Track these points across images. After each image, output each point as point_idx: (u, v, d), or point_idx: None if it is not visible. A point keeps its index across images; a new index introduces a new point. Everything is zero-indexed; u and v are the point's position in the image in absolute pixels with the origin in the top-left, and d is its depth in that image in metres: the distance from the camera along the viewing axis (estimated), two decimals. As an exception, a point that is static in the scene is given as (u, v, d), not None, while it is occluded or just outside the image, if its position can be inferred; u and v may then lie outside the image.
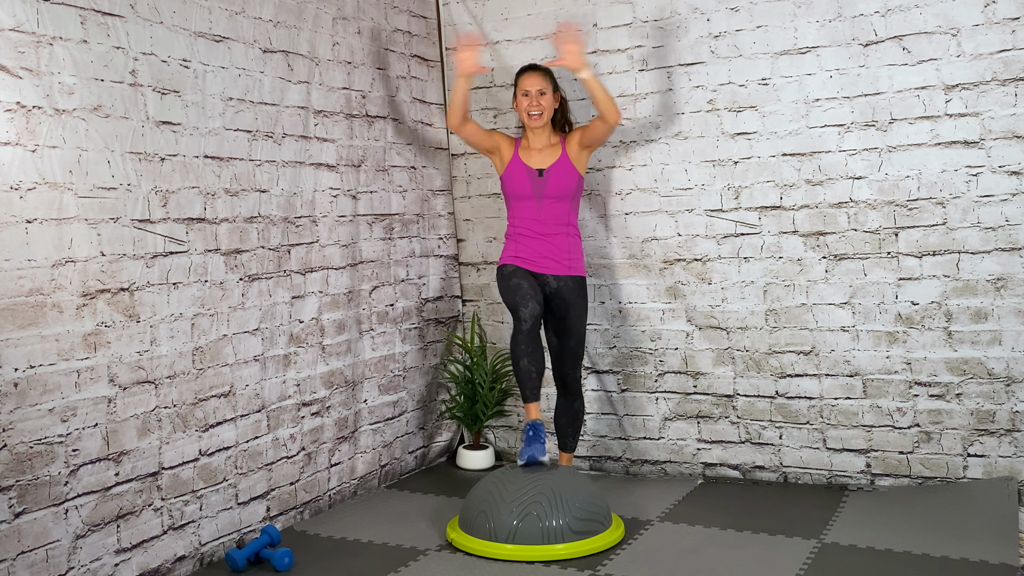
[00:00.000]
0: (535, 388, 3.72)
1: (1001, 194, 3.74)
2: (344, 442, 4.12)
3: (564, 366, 4.05)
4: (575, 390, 4.09)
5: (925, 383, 3.91)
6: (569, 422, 4.12)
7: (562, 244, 3.97)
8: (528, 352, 3.70)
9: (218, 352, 3.47)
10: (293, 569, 3.36)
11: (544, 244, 3.95)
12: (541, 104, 3.95)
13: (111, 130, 3.05)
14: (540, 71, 4.00)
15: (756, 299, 4.19)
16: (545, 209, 3.95)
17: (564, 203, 3.97)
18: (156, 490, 3.21)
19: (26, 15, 2.79)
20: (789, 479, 4.20)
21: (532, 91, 3.95)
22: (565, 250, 3.97)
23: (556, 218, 3.96)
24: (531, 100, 3.95)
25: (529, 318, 3.71)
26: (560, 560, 3.37)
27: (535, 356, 3.71)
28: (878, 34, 3.88)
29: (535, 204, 3.95)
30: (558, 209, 3.96)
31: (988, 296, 3.78)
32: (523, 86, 3.98)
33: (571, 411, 4.11)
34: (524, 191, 3.97)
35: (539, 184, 3.94)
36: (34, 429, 2.80)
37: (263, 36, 3.69)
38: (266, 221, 3.70)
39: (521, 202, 3.99)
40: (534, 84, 3.95)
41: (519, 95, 3.99)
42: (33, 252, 2.80)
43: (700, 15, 4.20)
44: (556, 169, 3.95)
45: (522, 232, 3.98)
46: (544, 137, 4.00)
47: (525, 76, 4.00)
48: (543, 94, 3.95)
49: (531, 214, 3.96)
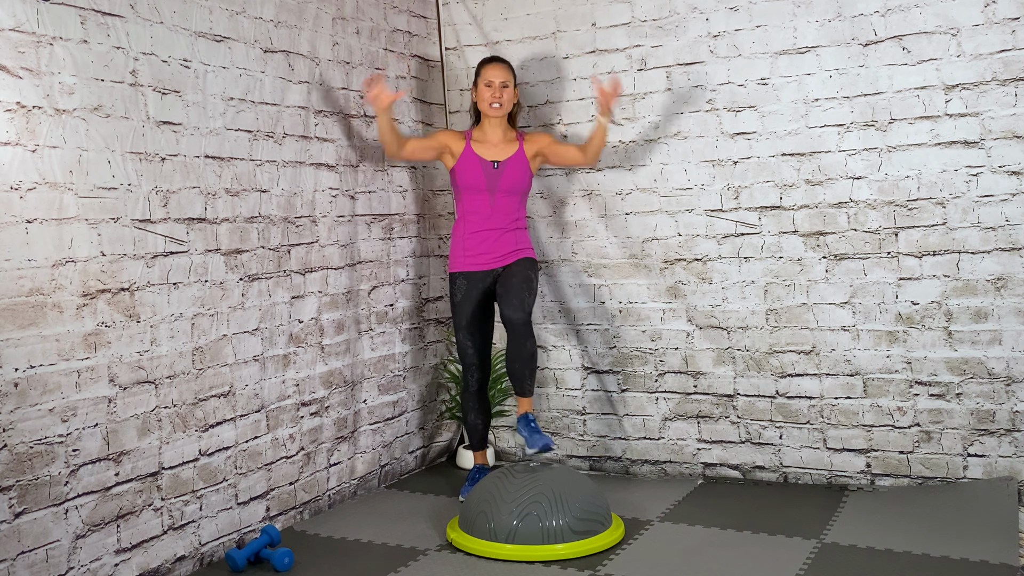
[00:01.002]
0: (482, 439, 4.26)
1: (1001, 194, 3.74)
2: (344, 442, 4.12)
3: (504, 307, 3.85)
4: (525, 331, 3.86)
5: (925, 383, 3.91)
6: (524, 364, 3.88)
7: (509, 241, 4.04)
8: (475, 408, 4.20)
9: (218, 352, 3.47)
10: (293, 569, 3.36)
11: (492, 243, 4.01)
12: (503, 97, 3.98)
13: (111, 130, 3.04)
14: (503, 63, 4.05)
15: (756, 299, 4.19)
16: (497, 203, 3.98)
17: (515, 197, 4.02)
18: (156, 490, 3.21)
19: (26, 15, 2.79)
20: (789, 479, 4.20)
21: (496, 83, 3.99)
22: (512, 244, 4.05)
23: (507, 213, 4.01)
24: (494, 91, 4.00)
25: (475, 383, 4.16)
26: (560, 560, 3.37)
27: (482, 411, 4.22)
28: (878, 34, 3.88)
29: (487, 198, 3.97)
30: (510, 203, 4.01)
31: (988, 296, 3.78)
32: (487, 76, 4.00)
33: (525, 352, 3.86)
34: (477, 183, 3.99)
35: (493, 176, 3.96)
36: (34, 429, 2.80)
37: (264, 36, 3.69)
38: (266, 221, 3.70)
39: (473, 195, 4.01)
40: (498, 76, 3.99)
41: (481, 85, 4.02)
42: (33, 252, 2.80)
43: (699, 14, 4.20)
44: (512, 163, 4.00)
45: (472, 229, 4.03)
46: (500, 131, 4.04)
47: (489, 67, 4.03)
48: (506, 87, 4.01)
49: (483, 208, 3.99)
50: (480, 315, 4.11)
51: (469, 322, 4.09)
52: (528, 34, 4.59)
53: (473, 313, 4.08)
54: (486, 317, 4.14)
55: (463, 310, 4.08)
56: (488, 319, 4.16)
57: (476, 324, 4.10)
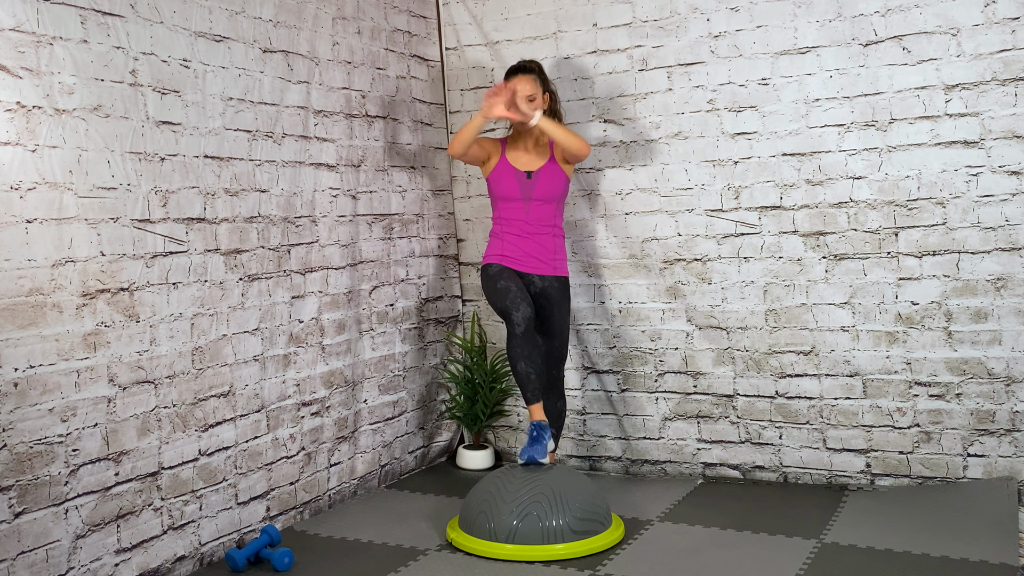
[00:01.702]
0: (536, 390, 3.74)
1: (1001, 194, 3.74)
2: (344, 442, 4.12)
3: (548, 367, 4.03)
4: (559, 390, 4.10)
5: (925, 383, 3.91)
6: (552, 421, 4.07)
7: (548, 244, 3.97)
8: (525, 355, 3.73)
9: (218, 352, 3.47)
10: (293, 569, 3.36)
11: (530, 243, 3.94)
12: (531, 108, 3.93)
13: (111, 130, 3.04)
14: (530, 73, 3.95)
15: (756, 299, 4.19)
16: (533, 211, 3.94)
17: (551, 205, 3.97)
18: (156, 490, 3.21)
19: (26, 15, 2.79)
20: (789, 479, 4.20)
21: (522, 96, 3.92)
22: (551, 250, 3.98)
23: (543, 219, 3.96)
24: None
25: (522, 321, 3.73)
26: (560, 560, 3.37)
27: (532, 358, 3.74)
28: (878, 34, 3.88)
29: (523, 206, 3.94)
30: (545, 211, 3.96)
31: (988, 296, 3.78)
32: None
33: (554, 411, 4.08)
34: (512, 193, 3.95)
35: (527, 186, 3.93)
36: (34, 429, 2.80)
37: (263, 36, 3.69)
38: (266, 221, 3.70)
39: (508, 203, 3.97)
40: (524, 89, 3.90)
41: None
42: (33, 252, 2.80)
43: (700, 15, 4.20)
44: (545, 172, 3.93)
45: (508, 231, 3.97)
46: (532, 139, 3.97)
47: (515, 80, 3.94)
48: (532, 100, 3.90)
49: (518, 215, 3.95)
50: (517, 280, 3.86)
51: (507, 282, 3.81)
52: (528, 34, 4.59)
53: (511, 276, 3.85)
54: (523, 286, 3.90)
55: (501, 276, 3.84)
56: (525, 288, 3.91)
57: (516, 281, 3.85)
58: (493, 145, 4.02)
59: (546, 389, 4.07)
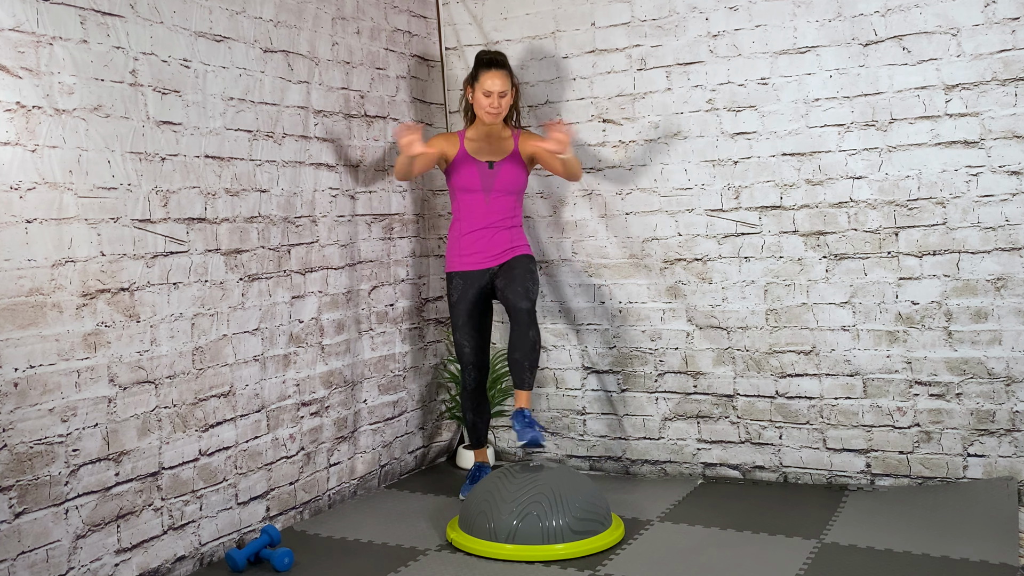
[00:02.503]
0: (481, 438, 4.32)
1: (1001, 194, 3.74)
2: (344, 442, 4.12)
3: (509, 297, 3.85)
4: (528, 320, 3.81)
5: (925, 383, 3.91)
6: (525, 354, 3.80)
7: (504, 239, 4.03)
8: (474, 408, 4.23)
9: (218, 352, 3.47)
10: (293, 569, 3.36)
11: (487, 241, 4.00)
12: (501, 105, 3.97)
13: (111, 130, 3.04)
14: (503, 69, 3.97)
15: (756, 299, 4.19)
16: (493, 202, 3.97)
17: (511, 197, 4.01)
18: (156, 490, 3.21)
19: (26, 15, 2.79)
20: (789, 479, 4.20)
21: (494, 92, 3.94)
22: (508, 242, 4.04)
23: (503, 212, 4.00)
24: (492, 101, 3.96)
25: (473, 382, 4.16)
26: (560, 560, 3.37)
27: (481, 411, 4.25)
28: (878, 34, 3.88)
29: (483, 198, 3.97)
30: (505, 203, 3.99)
31: (988, 296, 3.78)
32: (486, 85, 3.95)
33: (527, 341, 3.80)
34: (472, 184, 3.97)
35: (488, 177, 3.95)
36: (34, 429, 2.80)
37: (263, 36, 3.69)
38: (266, 221, 3.70)
39: (468, 195, 4.00)
40: (497, 85, 3.94)
41: (479, 91, 3.96)
42: (33, 252, 2.80)
43: (699, 14, 4.20)
44: (507, 163, 3.99)
45: (467, 229, 4.02)
46: (496, 131, 4.01)
47: (488, 74, 3.95)
48: (503, 95, 3.96)
49: (478, 209, 3.99)
50: (477, 314, 4.10)
51: (466, 321, 4.08)
52: (528, 34, 4.59)
53: (470, 312, 4.08)
54: (483, 316, 4.14)
55: (460, 309, 4.08)
56: (485, 318, 4.16)
57: (473, 323, 4.10)
58: (447, 140, 4.06)
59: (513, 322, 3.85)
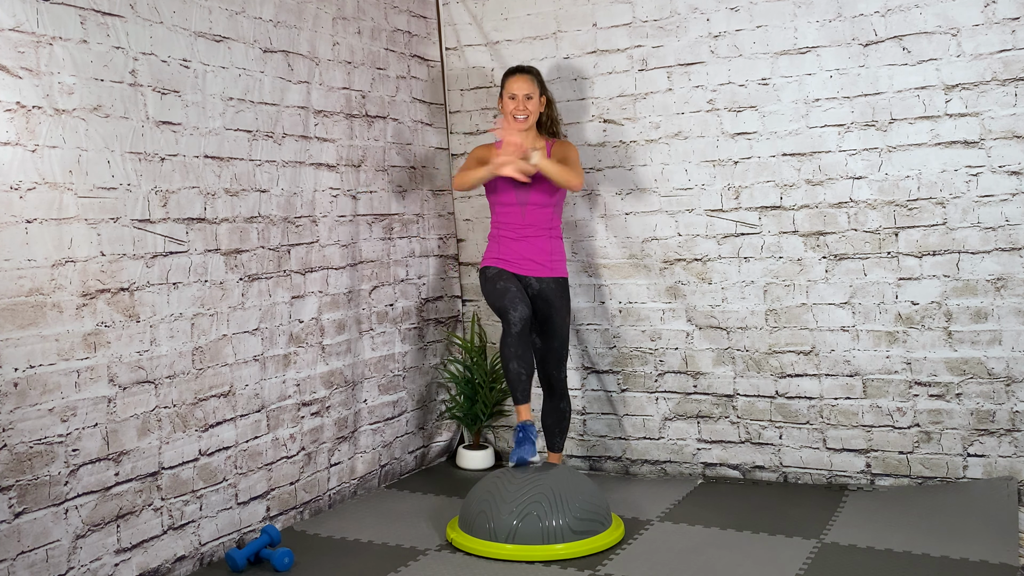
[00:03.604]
0: (525, 391, 3.78)
1: (1001, 194, 3.74)
2: (344, 442, 4.12)
3: (549, 367, 4.05)
4: (561, 391, 4.09)
5: (925, 383, 3.91)
6: (556, 422, 4.10)
7: (544, 246, 3.97)
8: (518, 355, 3.76)
9: (218, 352, 3.47)
10: (293, 569, 3.36)
11: (526, 246, 3.95)
12: (527, 108, 3.93)
13: (111, 130, 3.04)
14: (528, 74, 3.97)
15: (756, 299, 4.19)
16: (529, 215, 3.95)
17: (547, 209, 3.97)
18: (156, 490, 3.21)
19: (26, 15, 2.79)
20: (789, 479, 4.20)
21: (519, 95, 3.92)
22: (547, 252, 3.98)
23: (539, 222, 3.97)
24: (517, 104, 3.92)
25: (518, 321, 3.75)
26: (560, 560, 3.37)
27: (525, 359, 3.77)
28: (878, 34, 3.88)
29: (519, 210, 3.95)
30: (541, 214, 3.96)
31: (988, 296, 3.78)
32: (510, 89, 3.94)
33: (557, 411, 4.09)
34: (507, 199, 3.95)
35: (523, 192, 3.92)
36: (34, 429, 2.80)
37: (263, 36, 3.69)
38: (266, 221, 3.70)
39: (504, 208, 3.98)
40: (521, 88, 3.92)
41: (505, 97, 3.96)
42: (33, 252, 2.80)
43: (700, 15, 4.20)
44: (540, 176, 3.89)
45: (504, 235, 3.98)
46: (529, 142, 3.91)
47: (513, 79, 3.96)
48: (530, 98, 3.92)
49: (514, 219, 3.96)
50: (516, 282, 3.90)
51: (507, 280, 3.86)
52: (528, 34, 4.59)
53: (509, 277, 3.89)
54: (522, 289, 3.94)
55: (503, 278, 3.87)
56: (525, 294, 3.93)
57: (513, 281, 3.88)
58: (487, 152, 4.01)
59: (548, 392, 4.10)
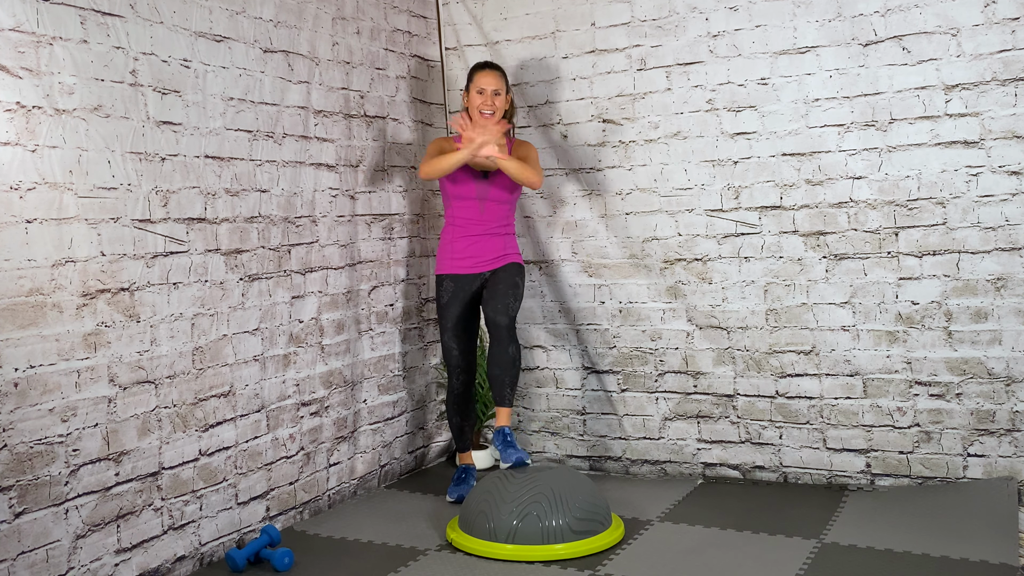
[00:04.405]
0: (466, 440, 4.28)
1: (1001, 194, 3.74)
2: (343, 442, 4.12)
3: (488, 311, 3.87)
4: (507, 336, 3.85)
5: (925, 383, 3.91)
6: (505, 370, 3.83)
7: (497, 245, 4.03)
8: (460, 411, 4.20)
9: (218, 352, 3.47)
10: (293, 569, 3.36)
11: (479, 247, 4.01)
12: (495, 104, 3.98)
13: (111, 130, 3.04)
14: (497, 71, 4.03)
15: (756, 299, 4.19)
16: (487, 211, 3.98)
17: (505, 206, 4.02)
18: (156, 490, 3.21)
19: (26, 15, 2.79)
20: (789, 479, 4.20)
21: (488, 90, 3.97)
22: (500, 249, 4.04)
23: (496, 219, 4.01)
24: (485, 99, 3.97)
25: (460, 386, 4.14)
26: (560, 560, 3.37)
27: (467, 414, 4.23)
28: (878, 34, 3.88)
29: (477, 205, 3.97)
30: (499, 212, 4.01)
31: (988, 296, 3.78)
32: (479, 83, 3.98)
33: (506, 356, 3.83)
34: (467, 192, 3.98)
35: (483, 187, 3.96)
36: (34, 429, 2.80)
37: (263, 36, 3.69)
38: (266, 221, 3.70)
39: (462, 202, 4.00)
40: (490, 83, 3.97)
41: (473, 92, 4.00)
42: (33, 252, 2.80)
43: (699, 14, 4.20)
44: (502, 173, 3.96)
45: (460, 235, 4.02)
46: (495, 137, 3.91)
47: (482, 74, 4.01)
48: (497, 94, 4.00)
49: (472, 215, 3.99)
50: (466, 317, 4.09)
51: (455, 324, 4.07)
52: (527, 34, 4.59)
53: (459, 315, 4.07)
54: (472, 320, 4.13)
55: (449, 312, 4.07)
56: (473, 322, 4.15)
57: (461, 326, 4.09)
58: (448, 145, 4.06)
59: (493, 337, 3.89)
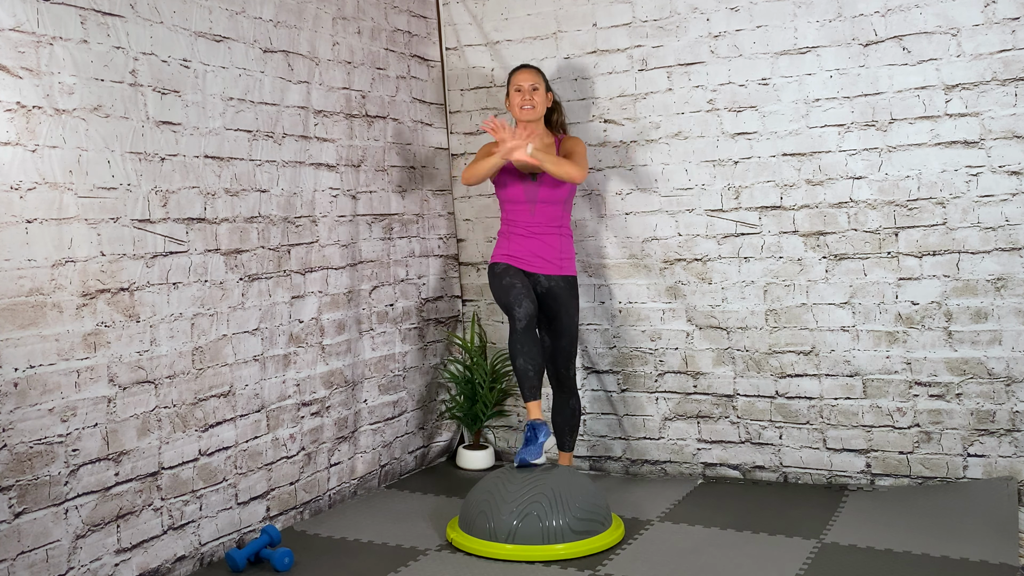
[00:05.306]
0: (533, 387, 3.75)
1: (1001, 194, 3.74)
2: (344, 442, 4.12)
3: (558, 365, 4.06)
4: (570, 388, 4.10)
5: (925, 383, 3.91)
6: (565, 420, 4.11)
7: (554, 243, 3.98)
8: (524, 351, 3.73)
9: (218, 352, 3.47)
10: (293, 569, 3.36)
11: (536, 243, 3.96)
12: (534, 99, 3.96)
13: (111, 130, 3.04)
14: (532, 68, 4.03)
15: (756, 299, 4.19)
16: (538, 212, 3.96)
17: (557, 207, 3.97)
18: (156, 490, 3.21)
19: (26, 15, 2.79)
20: (789, 479, 4.20)
21: (525, 86, 3.96)
22: (557, 249, 3.99)
23: (549, 220, 3.97)
24: (523, 95, 3.96)
25: (524, 317, 3.72)
26: (560, 560, 3.37)
27: (531, 355, 3.74)
28: (878, 34, 3.88)
29: (528, 208, 3.96)
30: (551, 212, 3.97)
31: (988, 296, 3.78)
32: (516, 82, 3.99)
33: (567, 410, 4.11)
34: (517, 196, 3.96)
35: (531, 189, 3.94)
36: (34, 429, 2.80)
37: (263, 36, 3.69)
38: (266, 221, 3.70)
39: (514, 205, 3.99)
40: (526, 80, 3.97)
41: (511, 91, 4.00)
42: (33, 252, 2.80)
43: (700, 15, 4.20)
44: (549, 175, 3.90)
45: (514, 232, 3.99)
46: (537, 138, 3.90)
47: (518, 73, 4.02)
48: (535, 89, 3.98)
49: (524, 217, 3.97)
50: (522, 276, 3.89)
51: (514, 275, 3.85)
52: (529, 34, 4.59)
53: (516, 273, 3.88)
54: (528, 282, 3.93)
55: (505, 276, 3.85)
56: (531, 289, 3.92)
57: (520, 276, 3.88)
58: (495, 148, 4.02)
59: (557, 389, 4.11)
